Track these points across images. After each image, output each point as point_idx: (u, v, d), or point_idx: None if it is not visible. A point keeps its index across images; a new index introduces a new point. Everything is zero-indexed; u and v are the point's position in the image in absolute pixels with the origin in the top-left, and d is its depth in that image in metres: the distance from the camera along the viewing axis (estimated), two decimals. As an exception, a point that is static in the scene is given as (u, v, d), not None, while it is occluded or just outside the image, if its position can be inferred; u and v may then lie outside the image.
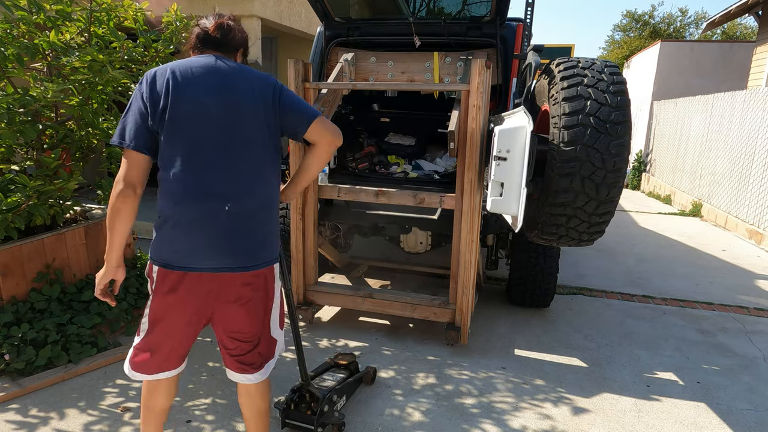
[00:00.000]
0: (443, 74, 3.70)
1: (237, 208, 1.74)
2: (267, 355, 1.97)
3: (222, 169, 1.73)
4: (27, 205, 2.89)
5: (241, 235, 1.76)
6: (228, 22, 1.89)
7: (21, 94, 2.78)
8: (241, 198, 1.75)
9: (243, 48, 1.98)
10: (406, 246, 4.02)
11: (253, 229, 1.79)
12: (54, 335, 2.90)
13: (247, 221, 1.77)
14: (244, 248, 1.77)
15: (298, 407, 2.39)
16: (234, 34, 1.89)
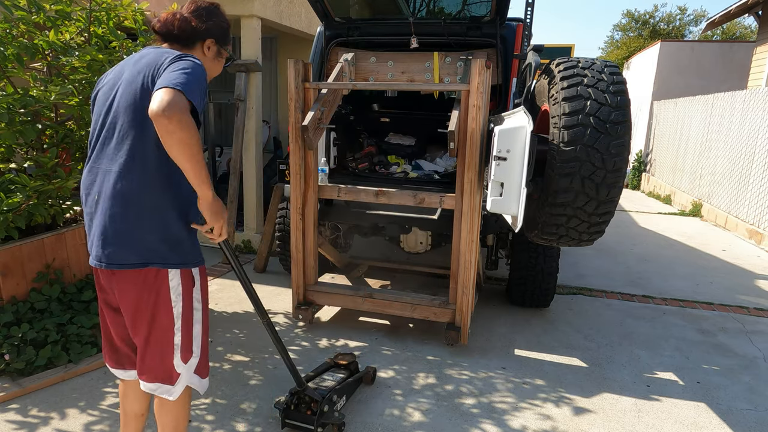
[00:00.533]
0: (443, 74, 3.70)
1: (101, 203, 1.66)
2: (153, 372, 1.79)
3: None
4: (27, 205, 2.89)
5: (106, 231, 1.66)
6: (174, 12, 1.76)
7: (21, 94, 2.78)
8: (106, 192, 1.64)
9: (202, 39, 1.79)
10: (406, 246, 4.02)
11: (133, 231, 1.65)
12: (54, 335, 2.90)
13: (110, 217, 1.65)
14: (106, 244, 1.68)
15: (298, 408, 2.39)
16: (181, 26, 1.74)
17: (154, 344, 1.76)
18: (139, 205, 1.63)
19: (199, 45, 1.80)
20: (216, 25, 1.81)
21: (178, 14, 1.75)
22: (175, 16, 1.75)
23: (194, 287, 1.78)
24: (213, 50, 1.84)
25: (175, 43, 1.78)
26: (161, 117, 1.44)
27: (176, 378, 1.80)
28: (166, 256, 1.69)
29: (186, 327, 1.78)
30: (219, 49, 1.85)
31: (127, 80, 1.66)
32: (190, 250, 1.75)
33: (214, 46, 1.83)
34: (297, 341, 3.37)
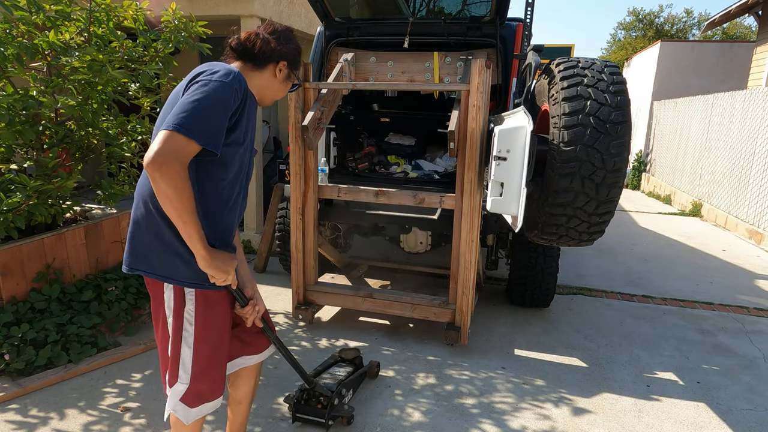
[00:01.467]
0: (443, 74, 3.70)
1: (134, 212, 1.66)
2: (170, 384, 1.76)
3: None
4: (27, 205, 2.89)
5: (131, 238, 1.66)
6: (257, 32, 1.76)
7: (22, 94, 2.78)
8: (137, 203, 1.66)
9: (275, 61, 1.77)
10: (406, 246, 4.02)
11: (140, 234, 1.64)
12: (54, 335, 2.90)
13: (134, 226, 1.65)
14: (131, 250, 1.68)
15: (308, 402, 2.44)
16: (262, 47, 1.74)
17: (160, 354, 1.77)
18: (144, 216, 1.62)
19: (272, 66, 1.78)
20: (291, 49, 1.81)
21: (261, 34, 1.75)
22: (258, 36, 1.74)
23: (185, 308, 1.67)
24: (284, 73, 1.81)
25: (249, 62, 1.76)
26: (148, 166, 1.43)
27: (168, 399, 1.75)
28: (157, 269, 1.63)
29: (174, 349, 1.69)
30: (289, 72, 1.83)
31: (170, 97, 1.67)
32: (182, 268, 1.62)
33: (286, 69, 1.81)
34: (297, 341, 3.37)
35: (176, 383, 1.72)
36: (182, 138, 1.45)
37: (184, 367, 1.70)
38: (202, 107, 1.49)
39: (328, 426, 2.42)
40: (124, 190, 3.69)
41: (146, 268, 1.63)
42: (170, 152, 1.43)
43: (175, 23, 3.34)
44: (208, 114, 1.50)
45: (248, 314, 1.82)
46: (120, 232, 3.68)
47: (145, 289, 3.57)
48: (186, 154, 1.47)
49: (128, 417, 2.52)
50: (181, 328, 1.68)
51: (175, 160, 1.44)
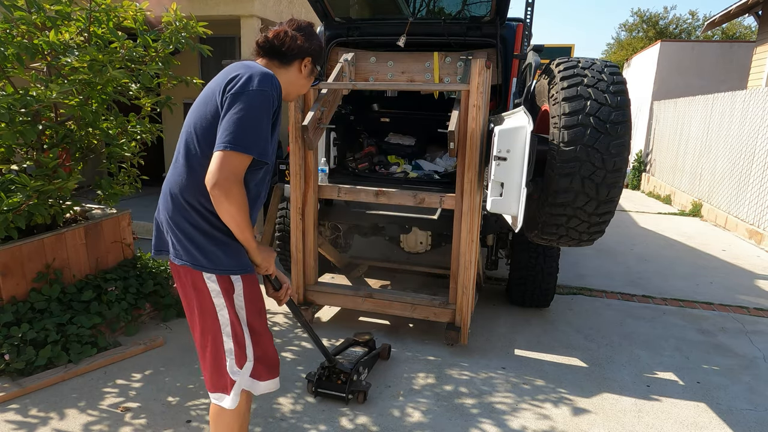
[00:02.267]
0: (443, 74, 3.70)
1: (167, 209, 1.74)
2: (213, 381, 1.81)
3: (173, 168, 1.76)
4: (27, 205, 2.89)
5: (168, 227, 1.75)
6: (285, 30, 1.81)
7: (21, 94, 2.78)
8: (168, 192, 1.73)
9: (301, 57, 1.83)
10: (406, 246, 4.02)
11: (173, 224, 1.72)
12: (54, 335, 2.90)
13: (168, 215, 1.74)
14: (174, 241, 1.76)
15: (329, 378, 2.69)
16: (290, 44, 1.79)
17: (209, 351, 1.78)
18: (177, 206, 1.70)
19: (298, 62, 1.84)
20: (316, 45, 1.86)
21: (289, 32, 1.80)
22: (286, 34, 1.79)
23: (234, 294, 1.75)
24: (309, 68, 1.87)
25: (276, 59, 1.81)
26: (212, 189, 1.55)
27: (231, 385, 1.78)
28: (199, 260, 1.70)
29: (235, 335, 1.76)
30: (313, 67, 1.89)
31: (202, 95, 1.74)
32: (223, 257, 1.71)
33: (311, 64, 1.87)
34: (297, 341, 3.37)
35: (246, 363, 1.79)
36: (239, 156, 1.56)
37: (248, 348, 1.79)
38: (250, 121, 1.57)
39: (348, 399, 2.65)
40: (124, 190, 3.69)
41: (191, 260, 1.69)
42: (232, 174, 1.56)
43: (175, 24, 3.34)
44: (257, 127, 1.59)
45: (282, 296, 1.95)
46: (120, 232, 3.68)
47: (145, 289, 3.57)
48: (242, 170, 1.59)
49: (128, 417, 2.52)
50: (236, 312, 1.76)
51: (237, 182, 1.57)
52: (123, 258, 3.71)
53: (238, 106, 1.58)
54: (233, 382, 1.78)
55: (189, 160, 1.68)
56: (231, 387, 1.79)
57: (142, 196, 7.34)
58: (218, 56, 7.69)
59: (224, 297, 1.73)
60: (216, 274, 1.70)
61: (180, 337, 3.37)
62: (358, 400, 2.69)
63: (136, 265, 3.73)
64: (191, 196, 1.67)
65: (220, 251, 1.69)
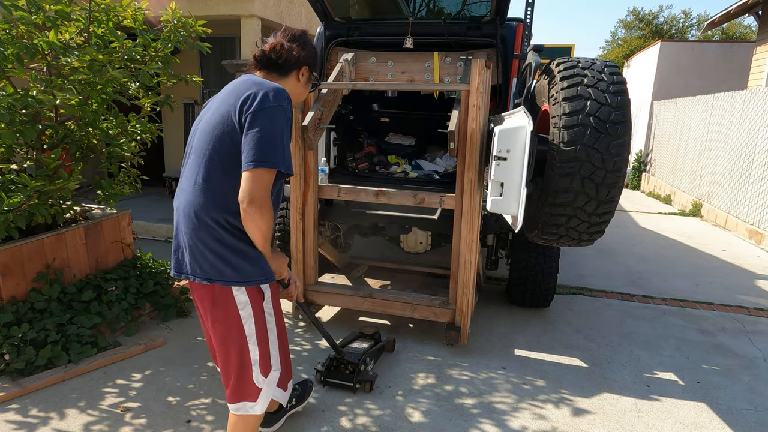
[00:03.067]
0: (443, 74, 3.70)
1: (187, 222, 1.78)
2: (237, 393, 1.89)
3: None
4: (27, 205, 2.89)
5: (191, 247, 1.77)
6: (281, 43, 1.86)
7: (22, 95, 2.78)
8: (191, 213, 1.75)
9: (298, 67, 1.89)
10: (406, 246, 4.02)
11: (198, 243, 1.75)
12: (54, 335, 2.90)
13: (192, 234, 1.76)
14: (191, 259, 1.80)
15: (337, 368, 2.80)
16: (286, 56, 1.85)
17: (233, 362, 1.84)
18: (203, 225, 1.73)
19: (295, 72, 1.89)
20: (310, 53, 1.92)
21: (284, 44, 1.85)
22: (282, 46, 1.84)
23: (264, 301, 1.83)
24: (306, 76, 1.93)
25: (274, 71, 1.86)
26: (247, 207, 1.63)
27: (257, 393, 1.87)
28: (228, 275, 1.74)
29: (262, 342, 1.84)
30: (310, 75, 1.95)
31: (214, 109, 1.78)
32: (252, 269, 1.77)
33: (308, 72, 1.93)
34: (297, 341, 3.37)
35: (271, 371, 1.89)
36: (267, 172, 1.64)
37: (274, 356, 1.89)
38: (274, 137, 1.65)
39: (355, 389, 2.75)
40: (124, 190, 3.69)
41: (220, 277, 1.74)
42: (265, 192, 1.64)
43: (174, 22, 3.33)
44: (280, 142, 1.66)
45: (292, 292, 2.04)
46: (120, 232, 3.68)
47: (145, 289, 3.57)
48: (271, 185, 1.67)
49: (128, 417, 2.52)
50: (264, 321, 1.85)
51: (268, 198, 1.65)
52: (123, 258, 3.71)
53: (259, 124, 1.64)
54: (259, 390, 1.87)
55: (211, 182, 1.72)
56: (258, 394, 1.88)
57: (142, 196, 7.36)
58: (218, 56, 7.69)
59: (253, 308, 1.79)
60: (246, 287, 1.77)
61: (180, 337, 3.37)
62: (365, 389, 2.79)
63: (136, 265, 3.73)
64: (218, 215, 1.71)
65: (248, 264, 1.76)
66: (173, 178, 7.70)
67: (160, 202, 7.18)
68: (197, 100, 7.94)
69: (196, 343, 3.30)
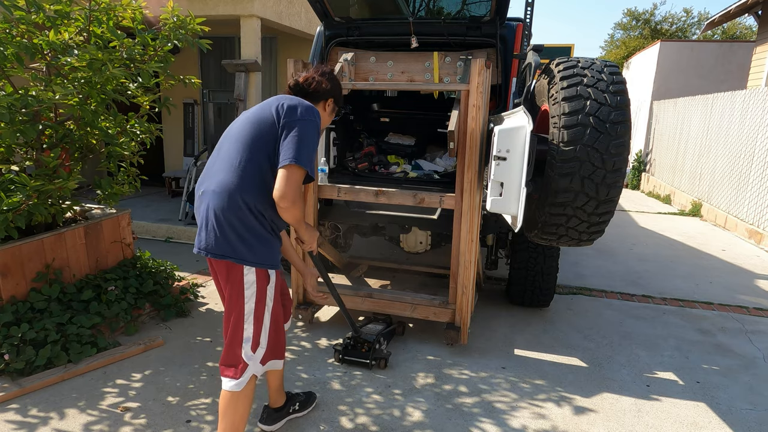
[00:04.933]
0: (443, 74, 3.70)
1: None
2: (227, 360, 2.06)
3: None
4: (27, 205, 2.89)
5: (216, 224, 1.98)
6: (312, 76, 2.19)
7: (22, 94, 2.78)
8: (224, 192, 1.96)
9: (325, 98, 2.22)
10: (406, 246, 4.01)
11: (224, 221, 1.96)
12: (53, 335, 2.90)
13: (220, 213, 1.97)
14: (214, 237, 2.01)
15: (354, 347, 3.06)
16: (316, 87, 2.18)
17: (230, 333, 2.04)
18: (233, 205, 1.93)
19: (322, 102, 2.23)
20: (337, 87, 2.28)
21: (316, 77, 2.19)
22: (314, 79, 2.19)
23: (268, 285, 2.04)
24: (331, 107, 2.28)
25: (305, 99, 2.15)
26: (282, 201, 1.88)
27: (243, 370, 2.04)
28: (243, 254, 1.96)
29: (258, 322, 2.05)
30: (335, 107, 2.30)
31: (253, 111, 2.10)
32: (267, 253, 2.00)
33: (332, 104, 2.28)
34: (297, 341, 3.37)
35: (258, 348, 2.08)
36: (300, 170, 1.90)
37: (264, 334, 2.08)
38: (307, 142, 1.94)
39: (371, 365, 3.00)
40: (124, 190, 3.69)
41: (234, 254, 1.95)
42: (297, 189, 1.90)
43: (173, 20, 3.33)
44: (311, 149, 1.96)
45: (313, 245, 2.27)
46: (120, 232, 3.68)
47: (145, 288, 3.58)
48: (301, 182, 1.93)
49: (128, 417, 2.52)
50: (264, 303, 2.05)
51: (300, 195, 1.93)
52: (123, 258, 3.71)
53: (296, 130, 1.93)
54: (245, 366, 2.04)
55: (250, 166, 1.95)
56: (242, 371, 2.04)
57: (141, 196, 7.36)
58: (218, 56, 7.69)
59: (257, 288, 2.01)
60: (256, 268, 1.98)
61: (180, 337, 3.38)
62: (380, 365, 3.03)
63: (135, 265, 3.73)
64: (250, 199, 1.93)
65: (265, 248, 1.99)
66: (173, 177, 7.70)
67: (159, 202, 7.17)
68: (196, 100, 7.94)
69: (196, 343, 3.30)
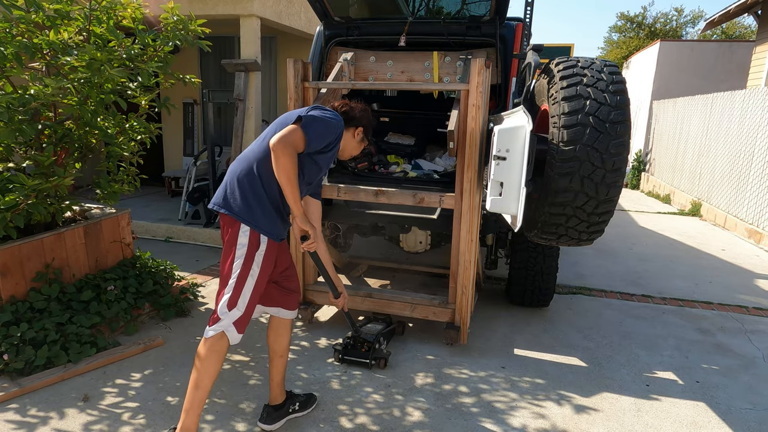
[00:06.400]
0: (443, 73, 3.70)
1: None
2: (212, 314, 2.20)
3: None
4: (26, 204, 2.89)
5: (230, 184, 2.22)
6: (346, 102, 2.44)
7: (20, 93, 2.78)
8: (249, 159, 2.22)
9: (355, 126, 2.40)
10: (406, 246, 4.01)
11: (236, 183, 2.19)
12: (53, 335, 2.90)
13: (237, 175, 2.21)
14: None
15: (354, 347, 3.06)
16: (347, 112, 2.38)
17: (218, 290, 2.20)
18: (249, 172, 2.17)
19: (352, 129, 2.40)
20: (366, 119, 2.45)
21: (350, 105, 2.42)
22: (348, 104, 2.42)
23: (257, 251, 2.15)
24: (359, 136, 2.45)
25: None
26: (274, 146, 2.04)
27: (215, 320, 2.16)
28: (242, 212, 2.13)
29: (240, 282, 2.15)
30: (363, 137, 2.46)
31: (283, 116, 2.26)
32: (264, 221, 2.15)
33: (361, 134, 2.45)
34: (296, 341, 3.37)
35: (234, 309, 2.16)
36: (301, 132, 2.08)
37: (243, 298, 2.16)
38: (320, 123, 2.15)
39: (371, 365, 3.00)
40: (123, 189, 3.69)
41: (236, 210, 2.14)
42: (292, 142, 2.06)
43: (174, 20, 3.33)
44: (322, 129, 2.15)
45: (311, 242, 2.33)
46: (119, 232, 3.68)
47: (145, 288, 3.58)
48: (298, 145, 2.09)
49: (128, 417, 2.52)
50: (251, 266, 2.16)
51: (293, 146, 2.07)
52: (122, 258, 3.71)
53: (319, 116, 2.16)
54: (217, 319, 2.16)
55: (267, 146, 2.13)
56: (214, 322, 2.16)
57: (141, 196, 7.36)
58: (217, 56, 7.68)
59: (248, 250, 2.13)
60: (250, 229, 2.13)
61: (180, 336, 3.37)
62: (380, 365, 3.03)
63: (135, 265, 3.73)
64: (264, 171, 2.14)
65: (264, 215, 2.15)
66: (173, 177, 7.69)
67: (159, 202, 7.17)
68: (196, 100, 7.93)
69: (196, 342, 3.30)
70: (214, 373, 2.19)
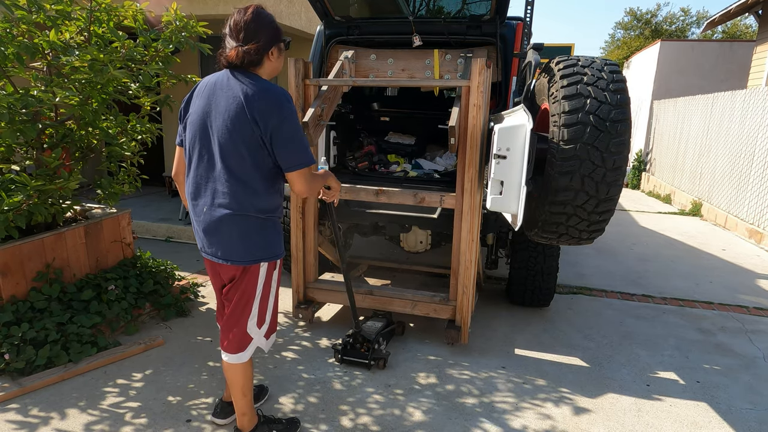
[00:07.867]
0: (443, 71, 3.70)
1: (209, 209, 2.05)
2: (237, 344, 2.20)
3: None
4: (27, 205, 2.89)
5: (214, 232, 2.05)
6: (241, 50, 1.92)
7: (22, 94, 2.78)
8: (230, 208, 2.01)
9: (267, 52, 1.99)
10: (406, 245, 4.01)
11: (223, 230, 2.03)
12: (54, 334, 2.90)
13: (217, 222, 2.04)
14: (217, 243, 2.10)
15: (353, 347, 3.06)
16: (248, 59, 1.94)
17: (237, 320, 2.16)
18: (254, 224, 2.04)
19: (266, 58, 2.00)
20: (269, 33, 1.98)
21: (240, 50, 1.92)
22: (237, 53, 1.92)
23: (275, 271, 2.18)
24: (275, 53, 2.04)
25: (250, 68, 1.99)
26: (307, 195, 2.12)
27: (248, 342, 2.21)
28: (259, 255, 2.07)
29: (263, 301, 2.18)
30: (279, 49, 2.05)
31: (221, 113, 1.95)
32: (277, 244, 2.12)
33: (276, 49, 2.03)
34: (297, 341, 3.37)
35: (264, 325, 2.23)
36: (308, 169, 2.00)
37: (270, 312, 2.23)
38: (299, 135, 1.96)
39: (370, 365, 3.00)
40: (124, 189, 3.69)
41: (251, 258, 2.06)
42: (313, 183, 2.08)
43: (175, 23, 3.33)
44: (303, 137, 1.99)
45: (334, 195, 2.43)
46: (120, 232, 3.68)
47: (145, 288, 3.58)
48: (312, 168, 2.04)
49: (129, 417, 2.52)
50: (270, 286, 2.18)
51: (315, 183, 2.11)
52: (123, 257, 3.71)
53: (284, 127, 1.90)
54: (250, 339, 2.21)
55: (235, 177, 1.95)
56: (248, 344, 2.21)
57: (141, 196, 7.36)
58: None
59: (267, 277, 2.13)
60: (269, 262, 2.10)
61: (180, 336, 3.37)
62: (379, 366, 3.02)
63: (136, 265, 3.73)
64: (249, 206, 1.98)
65: (274, 240, 2.10)
66: (173, 177, 7.68)
67: (160, 202, 7.17)
68: (197, 100, 7.92)
69: (196, 342, 3.30)
70: (252, 377, 2.30)
